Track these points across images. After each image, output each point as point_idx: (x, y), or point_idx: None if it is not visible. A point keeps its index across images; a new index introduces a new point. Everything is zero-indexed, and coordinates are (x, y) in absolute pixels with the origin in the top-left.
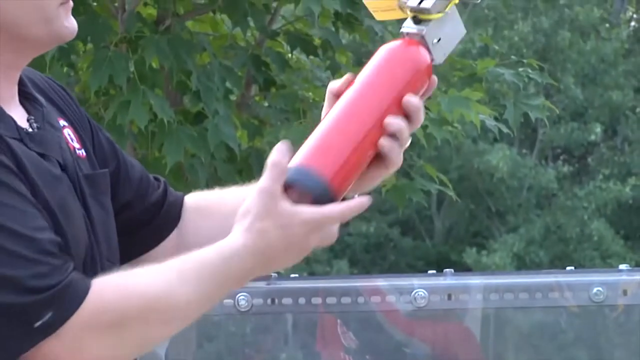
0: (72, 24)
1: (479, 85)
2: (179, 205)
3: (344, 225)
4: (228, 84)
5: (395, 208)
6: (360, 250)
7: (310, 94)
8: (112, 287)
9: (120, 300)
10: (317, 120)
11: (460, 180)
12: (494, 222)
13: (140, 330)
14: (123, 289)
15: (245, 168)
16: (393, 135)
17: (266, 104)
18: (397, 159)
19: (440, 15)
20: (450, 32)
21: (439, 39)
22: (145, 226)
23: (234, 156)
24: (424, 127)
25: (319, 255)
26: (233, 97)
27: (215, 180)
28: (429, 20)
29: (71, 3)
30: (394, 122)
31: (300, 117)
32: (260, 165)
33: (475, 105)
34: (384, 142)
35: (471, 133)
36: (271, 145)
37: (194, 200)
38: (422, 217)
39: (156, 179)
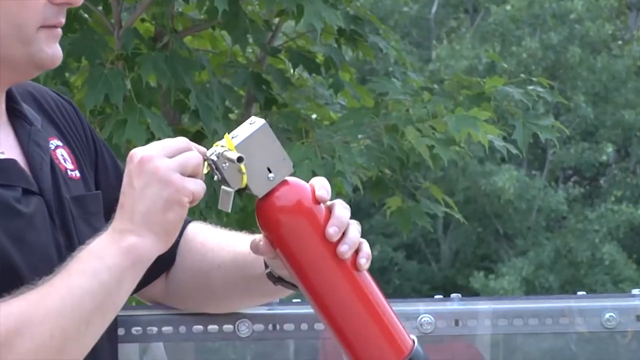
0: (54, 50)
1: (487, 105)
2: (173, 246)
3: None
4: (228, 103)
5: (399, 231)
6: None
7: (313, 113)
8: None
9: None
10: (320, 140)
11: (467, 203)
12: (502, 245)
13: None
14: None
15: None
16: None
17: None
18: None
19: (244, 180)
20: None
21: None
22: None
23: None
24: (430, 147)
25: None
26: (233, 116)
27: (214, 200)
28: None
29: (59, 31)
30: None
31: (302, 136)
32: None
33: (483, 125)
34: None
35: (478, 153)
36: None
37: (197, 232)
38: (428, 241)
39: None
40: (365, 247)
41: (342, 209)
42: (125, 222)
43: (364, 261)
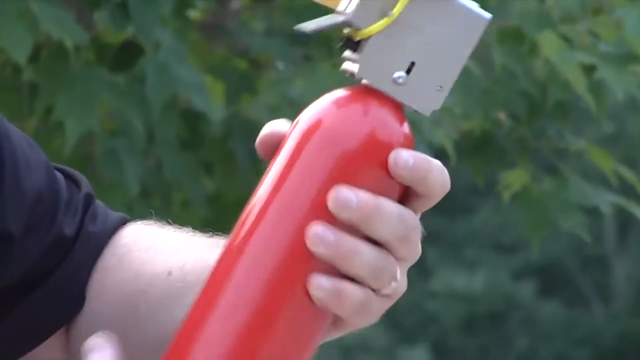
0: None
1: None
2: (84, 271)
3: None
4: None
5: (524, 241)
6: None
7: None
8: None
9: None
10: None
11: None
12: None
13: None
14: None
15: (221, 158)
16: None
17: (262, 28)
18: (350, 314)
19: (381, 25)
20: (434, 45)
21: (411, 65)
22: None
23: (199, 132)
24: (589, 70)
25: None
26: (194, 15)
27: (158, 184)
28: (366, 39)
29: None
30: (321, 238)
31: (332, 52)
32: (249, 152)
33: None
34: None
35: None
36: (273, 112)
37: (137, 236)
38: (586, 261)
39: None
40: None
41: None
42: None
43: (322, 294)
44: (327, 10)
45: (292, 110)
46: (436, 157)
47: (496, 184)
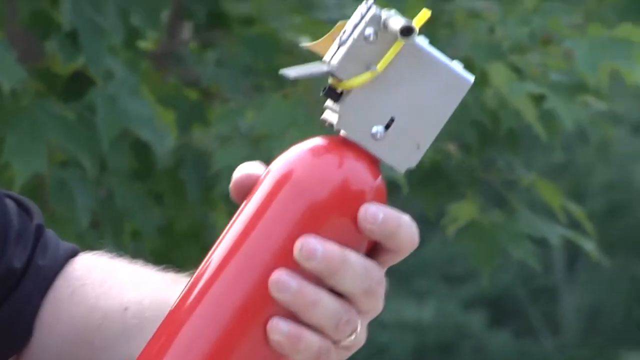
0: None
1: None
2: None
3: None
4: (133, 20)
5: (474, 271)
6: None
7: (306, 37)
8: None
9: None
10: (315, 89)
11: (611, 216)
12: None
13: None
14: None
15: (172, 188)
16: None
17: (214, 59)
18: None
19: (364, 79)
20: (414, 101)
21: (391, 121)
22: None
23: (150, 163)
24: (538, 100)
25: None
26: (145, 45)
27: (109, 214)
28: (348, 91)
29: None
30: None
31: (282, 82)
32: (200, 182)
33: None
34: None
35: (631, 113)
36: (224, 141)
37: (88, 268)
38: (535, 292)
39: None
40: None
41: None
42: None
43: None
44: (281, 45)
45: (243, 141)
46: (386, 188)
47: (445, 215)
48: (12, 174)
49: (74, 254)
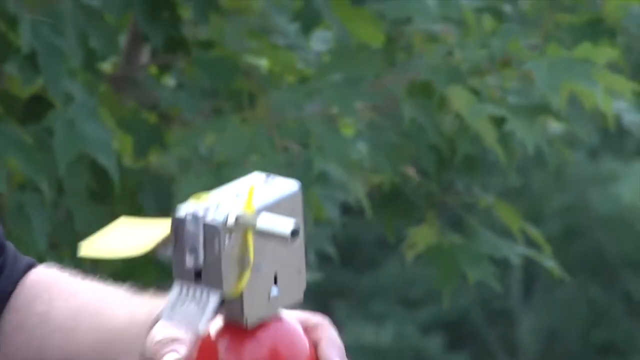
0: None
1: (609, 40)
2: None
3: None
4: (93, 43)
5: (434, 294)
6: None
7: (264, 60)
8: None
9: None
10: (278, 113)
11: (568, 238)
12: None
13: None
14: None
15: (130, 212)
16: None
17: (172, 82)
18: None
19: (246, 277)
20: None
21: (276, 274)
22: None
23: (108, 186)
24: (498, 122)
25: None
26: (105, 68)
27: (68, 235)
28: (241, 294)
29: None
30: None
31: (242, 105)
32: (159, 207)
33: (604, 75)
34: None
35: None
36: (184, 166)
37: (44, 281)
38: (493, 314)
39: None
40: None
41: None
42: None
43: None
44: (240, 67)
45: (203, 166)
46: (344, 211)
47: (404, 239)
48: None
49: (31, 267)
